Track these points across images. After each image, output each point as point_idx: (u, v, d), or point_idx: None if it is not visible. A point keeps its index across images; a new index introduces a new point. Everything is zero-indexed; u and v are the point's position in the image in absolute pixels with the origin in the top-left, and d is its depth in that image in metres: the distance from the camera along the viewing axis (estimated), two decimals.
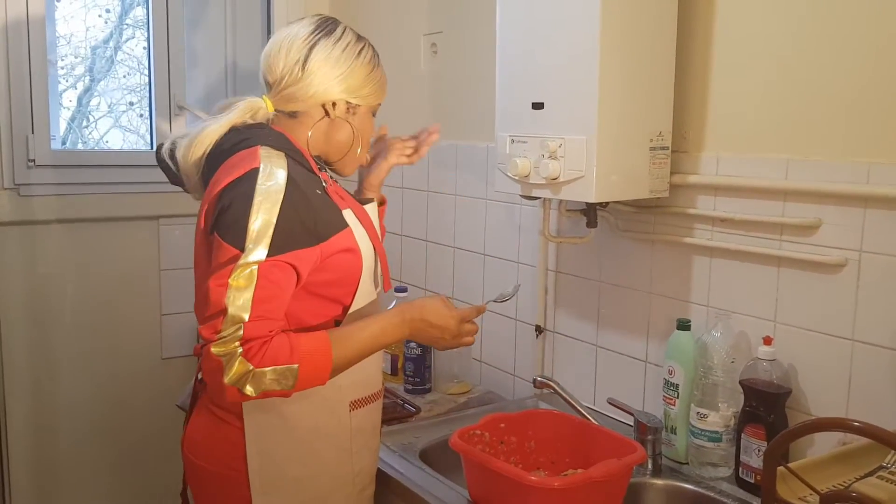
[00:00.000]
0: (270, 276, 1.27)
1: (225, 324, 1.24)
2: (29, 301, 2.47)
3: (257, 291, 1.25)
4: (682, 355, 1.62)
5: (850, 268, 1.42)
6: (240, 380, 1.23)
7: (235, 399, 1.26)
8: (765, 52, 1.54)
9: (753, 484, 1.49)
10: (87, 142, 2.83)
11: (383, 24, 2.59)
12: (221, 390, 1.25)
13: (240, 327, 1.24)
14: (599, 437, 1.52)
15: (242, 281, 1.25)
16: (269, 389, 1.26)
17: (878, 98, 1.37)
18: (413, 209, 2.52)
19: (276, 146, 1.37)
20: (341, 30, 1.46)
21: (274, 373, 1.25)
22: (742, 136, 1.58)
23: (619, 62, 1.54)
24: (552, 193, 1.63)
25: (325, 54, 1.42)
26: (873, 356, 1.39)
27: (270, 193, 1.28)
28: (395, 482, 1.59)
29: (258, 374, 1.24)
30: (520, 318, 2.13)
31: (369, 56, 1.47)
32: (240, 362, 1.23)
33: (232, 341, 1.23)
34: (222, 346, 1.23)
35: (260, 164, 1.31)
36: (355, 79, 1.45)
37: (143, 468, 2.69)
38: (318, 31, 1.44)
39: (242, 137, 1.39)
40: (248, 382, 1.24)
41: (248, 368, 1.23)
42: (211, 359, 1.24)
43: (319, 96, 1.43)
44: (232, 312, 1.24)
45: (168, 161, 1.47)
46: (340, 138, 1.48)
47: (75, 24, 2.69)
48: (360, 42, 1.47)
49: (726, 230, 1.62)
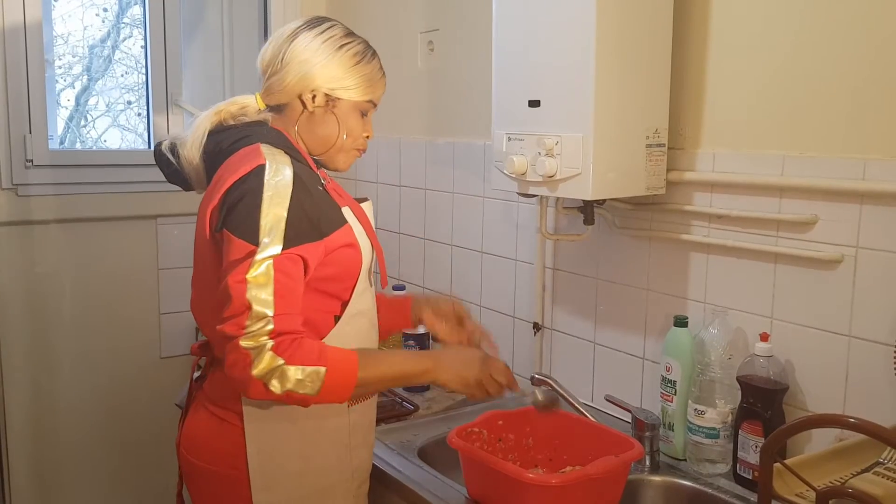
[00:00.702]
0: (286, 270, 1.27)
1: (251, 319, 1.23)
2: (27, 301, 2.48)
3: (276, 286, 1.26)
4: (680, 352, 1.62)
5: (846, 264, 1.42)
6: (268, 373, 1.23)
7: (260, 395, 1.25)
8: (761, 48, 1.54)
9: (751, 480, 1.49)
10: (85, 141, 2.83)
11: (380, 22, 2.59)
12: (247, 385, 1.24)
13: (268, 321, 1.24)
14: (597, 435, 1.52)
15: (261, 277, 1.25)
16: (294, 390, 1.25)
17: (875, 94, 1.37)
18: (410, 207, 2.52)
19: (275, 144, 1.38)
20: (328, 25, 1.46)
21: (302, 372, 1.24)
22: (738, 132, 1.59)
23: (616, 59, 1.54)
24: (549, 191, 1.63)
25: (304, 45, 1.43)
26: (870, 352, 1.40)
27: (279, 188, 1.29)
28: (393, 480, 1.59)
29: (286, 371, 1.24)
30: (517, 315, 2.14)
31: (355, 50, 1.45)
32: (270, 356, 1.23)
33: (261, 335, 1.23)
34: (252, 339, 1.23)
35: (265, 161, 1.32)
36: (333, 69, 1.43)
37: (142, 466, 2.69)
38: (304, 26, 1.45)
39: (242, 135, 1.41)
40: (274, 377, 1.23)
41: (277, 363, 1.23)
42: (238, 352, 1.23)
43: (295, 86, 1.43)
44: (256, 308, 1.24)
45: (169, 156, 1.48)
46: (321, 132, 1.46)
47: (73, 24, 2.69)
48: (347, 37, 1.46)
49: (723, 227, 1.62)
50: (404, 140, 2.52)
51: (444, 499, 1.49)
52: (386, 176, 2.63)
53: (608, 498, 1.39)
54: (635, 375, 1.82)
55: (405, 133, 2.51)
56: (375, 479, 1.57)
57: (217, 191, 1.34)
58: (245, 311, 1.24)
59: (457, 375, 1.40)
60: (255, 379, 1.23)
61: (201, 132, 1.43)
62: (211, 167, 1.44)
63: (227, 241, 1.30)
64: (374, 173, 2.67)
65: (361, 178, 2.71)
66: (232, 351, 1.24)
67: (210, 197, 1.37)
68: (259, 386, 1.24)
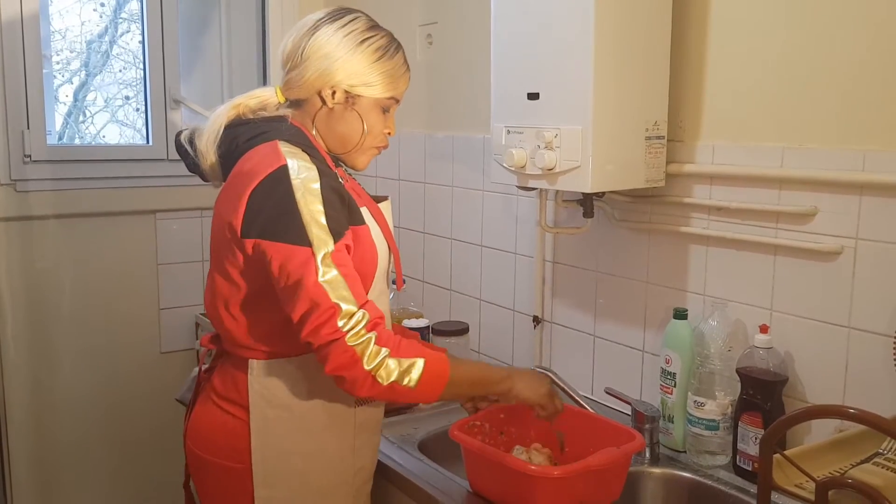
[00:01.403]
0: (343, 262, 1.28)
1: (342, 318, 1.24)
2: (27, 297, 2.48)
3: (347, 280, 1.27)
4: (679, 344, 1.62)
5: (845, 255, 1.42)
6: (378, 365, 1.25)
7: (368, 390, 1.27)
8: (760, 40, 1.53)
9: (750, 471, 1.49)
10: (83, 137, 2.82)
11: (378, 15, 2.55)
12: (358, 382, 1.26)
13: (363, 314, 1.25)
14: (598, 427, 1.53)
15: (330, 275, 1.25)
16: (397, 382, 1.26)
17: (873, 85, 1.37)
18: (410, 201, 2.52)
19: (293, 142, 1.36)
20: (351, 17, 1.42)
21: (404, 364, 1.27)
22: (737, 124, 1.58)
23: (615, 52, 1.54)
24: (549, 184, 1.63)
25: (325, 39, 1.39)
26: (869, 343, 1.40)
27: (308, 185, 1.28)
28: (394, 473, 1.59)
29: (389, 363, 1.26)
30: (517, 308, 2.14)
31: (377, 45, 1.41)
32: (376, 349, 1.25)
33: (361, 330, 1.25)
34: (355, 336, 1.24)
35: (286, 161, 1.30)
36: (354, 66, 1.39)
37: (142, 462, 2.69)
38: (326, 18, 1.41)
39: (260, 131, 1.38)
40: (381, 368, 1.25)
41: (383, 354, 1.25)
42: (346, 351, 1.24)
43: (314, 82, 1.40)
44: (345, 307, 1.24)
45: (187, 147, 1.46)
46: (341, 130, 1.43)
47: (70, 19, 2.69)
48: (370, 31, 1.42)
49: (722, 219, 1.62)
50: (403, 134, 2.52)
51: (445, 492, 1.49)
52: (385, 170, 2.63)
53: (610, 489, 1.40)
54: (635, 368, 1.83)
55: (404, 127, 2.51)
56: (376, 473, 1.58)
57: (238, 191, 1.32)
58: (334, 313, 1.24)
59: (531, 386, 1.44)
60: (367, 373, 1.25)
61: (217, 126, 1.41)
62: (226, 163, 1.41)
63: (273, 250, 1.27)
64: (373, 167, 2.67)
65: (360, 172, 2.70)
66: (337, 353, 1.24)
67: (229, 196, 1.35)
68: (370, 380, 1.25)
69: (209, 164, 1.44)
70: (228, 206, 1.34)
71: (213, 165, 1.44)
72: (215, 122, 1.42)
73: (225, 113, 1.42)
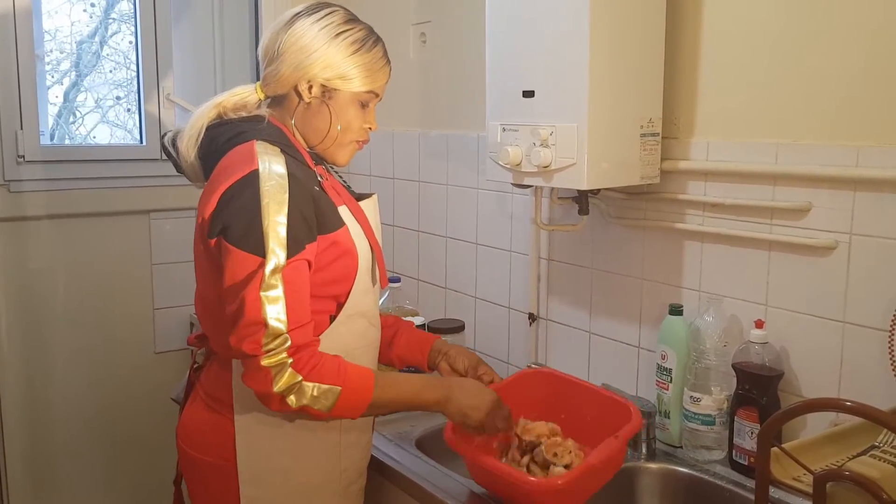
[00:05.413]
0: (293, 279, 1.27)
1: (267, 336, 1.24)
2: (21, 297, 2.47)
3: (287, 299, 1.26)
4: (675, 340, 1.63)
5: (840, 250, 1.43)
6: (288, 389, 1.25)
7: (279, 408, 1.28)
8: (754, 37, 1.54)
9: (747, 466, 1.50)
10: (73, 137, 2.81)
11: (371, 14, 2.56)
12: (267, 399, 1.28)
13: (286, 338, 1.25)
14: (593, 398, 1.51)
15: (272, 291, 1.25)
16: (309, 405, 1.27)
17: (868, 81, 1.38)
18: (405, 199, 2.52)
19: (271, 141, 1.35)
20: (327, 11, 1.40)
21: (318, 389, 1.27)
22: (732, 121, 1.59)
23: (609, 49, 1.54)
24: (544, 181, 1.63)
25: (300, 32, 1.38)
26: (864, 337, 1.41)
27: (275, 193, 1.27)
28: (391, 470, 1.59)
29: (304, 388, 1.26)
30: (513, 306, 2.14)
31: (354, 38, 1.39)
32: (290, 373, 1.25)
33: (280, 353, 1.25)
34: (272, 357, 1.24)
35: (258, 165, 1.29)
36: (330, 59, 1.37)
37: (137, 461, 2.69)
38: (304, 12, 1.40)
39: (238, 131, 1.38)
40: (293, 392, 1.26)
41: (296, 379, 1.25)
42: (260, 370, 1.25)
43: (291, 76, 1.38)
44: (272, 325, 1.24)
45: (170, 149, 1.46)
46: (317, 125, 1.41)
47: (60, 19, 2.67)
48: (347, 24, 1.40)
49: (717, 215, 1.63)
50: (397, 132, 2.52)
51: (443, 489, 1.50)
52: (379, 168, 2.62)
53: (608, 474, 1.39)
54: (631, 364, 1.83)
55: (398, 125, 2.51)
56: (374, 470, 1.58)
57: (213, 194, 1.32)
58: (261, 329, 1.24)
59: (460, 414, 1.38)
60: (275, 394, 1.25)
61: (198, 127, 1.40)
62: (207, 163, 1.41)
63: (228, 252, 1.27)
64: (367, 166, 2.67)
65: (354, 170, 2.71)
66: (253, 369, 1.26)
67: (207, 198, 1.34)
68: (278, 400, 1.26)
69: (189, 165, 1.44)
70: (207, 206, 1.34)
71: (194, 166, 1.44)
72: (196, 122, 1.41)
73: (206, 113, 1.41)
